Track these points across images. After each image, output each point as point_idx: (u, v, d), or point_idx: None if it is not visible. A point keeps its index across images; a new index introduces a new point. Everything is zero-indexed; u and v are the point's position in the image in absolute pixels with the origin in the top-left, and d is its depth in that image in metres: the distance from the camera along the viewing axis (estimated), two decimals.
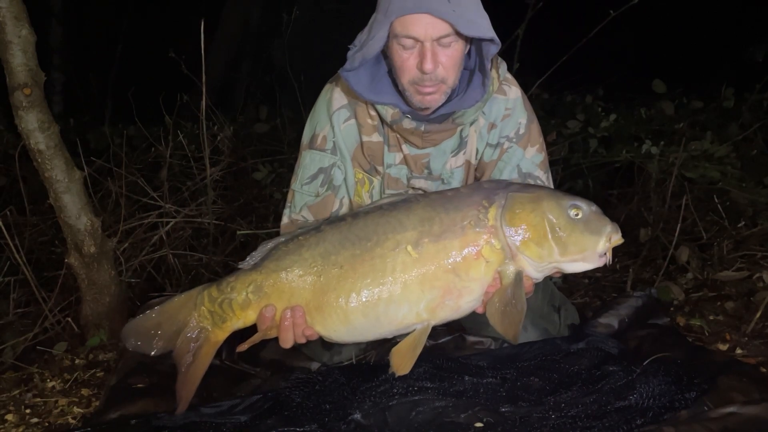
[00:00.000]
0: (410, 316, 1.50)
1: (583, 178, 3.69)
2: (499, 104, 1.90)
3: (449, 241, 1.47)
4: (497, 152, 1.92)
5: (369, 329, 1.53)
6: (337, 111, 1.91)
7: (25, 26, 2.14)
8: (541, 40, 4.06)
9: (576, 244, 1.46)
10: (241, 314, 1.56)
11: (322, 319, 1.53)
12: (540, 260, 1.48)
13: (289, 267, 1.54)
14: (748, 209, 3.00)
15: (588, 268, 1.51)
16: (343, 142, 1.91)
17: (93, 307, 2.42)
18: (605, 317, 2.06)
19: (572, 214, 1.47)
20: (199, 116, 2.90)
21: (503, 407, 1.56)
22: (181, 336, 1.56)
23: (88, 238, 2.33)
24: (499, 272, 1.48)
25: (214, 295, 1.56)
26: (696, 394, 1.52)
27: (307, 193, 1.92)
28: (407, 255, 1.48)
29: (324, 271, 1.52)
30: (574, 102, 4.53)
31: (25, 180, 3.02)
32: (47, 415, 1.94)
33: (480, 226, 1.47)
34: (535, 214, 1.47)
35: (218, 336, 1.58)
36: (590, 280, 2.81)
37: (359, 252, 1.50)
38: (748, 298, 2.32)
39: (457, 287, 1.48)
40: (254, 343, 1.59)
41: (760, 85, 3.89)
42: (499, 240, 1.47)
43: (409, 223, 1.50)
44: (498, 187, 1.54)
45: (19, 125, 2.20)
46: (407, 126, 1.83)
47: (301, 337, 1.57)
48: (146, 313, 1.58)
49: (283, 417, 1.58)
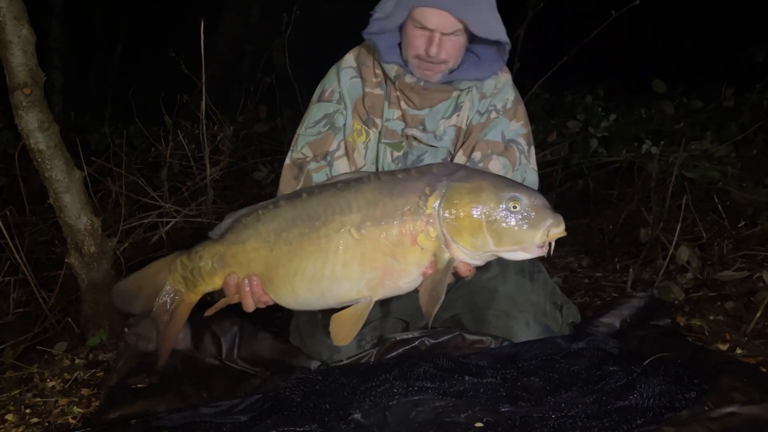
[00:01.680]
0: (351, 292, 1.61)
1: (583, 178, 3.69)
2: (491, 81, 2.04)
3: (389, 226, 1.56)
4: (485, 117, 2.03)
5: (315, 302, 1.67)
6: (344, 69, 2.08)
7: (25, 26, 2.15)
8: (541, 40, 4.06)
9: (511, 237, 1.52)
10: (209, 280, 1.71)
11: (274, 289, 1.66)
12: (474, 250, 1.55)
13: (246, 240, 1.66)
14: (748, 209, 3.00)
15: (527, 257, 1.57)
16: (347, 93, 2.06)
17: (93, 307, 2.42)
18: (607, 317, 2.06)
19: (510, 206, 1.52)
20: (199, 116, 2.90)
21: (503, 407, 1.55)
22: (158, 297, 1.73)
23: (88, 238, 2.33)
24: (434, 256, 1.56)
25: (185, 263, 1.71)
26: (696, 394, 1.52)
27: (310, 134, 2.05)
28: (350, 236, 1.57)
29: (276, 246, 1.63)
30: (574, 102, 4.52)
31: (25, 180, 3.02)
32: (47, 415, 1.94)
33: (418, 213, 1.55)
34: (471, 206, 1.53)
35: (192, 298, 1.74)
36: (590, 280, 2.82)
37: (308, 231, 1.60)
38: (748, 298, 2.32)
39: (395, 269, 1.57)
40: (220, 308, 1.74)
41: (760, 85, 3.89)
42: (435, 228, 1.55)
43: (355, 205, 1.59)
44: (444, 173, 1.59)
45: (19, 125, 2.20)
46: (408, 81, 1.96)
47: (260, 303, 1.70)
48: (129, 276, 1.77)
49: (283, 417, 1.58)
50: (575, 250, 3.20)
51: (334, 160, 2.03)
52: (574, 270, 2.96)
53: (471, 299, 2.02)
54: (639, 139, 3.63)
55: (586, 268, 2.97)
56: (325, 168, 2.02)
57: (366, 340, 1.95)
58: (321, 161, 2.03)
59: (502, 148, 1.98)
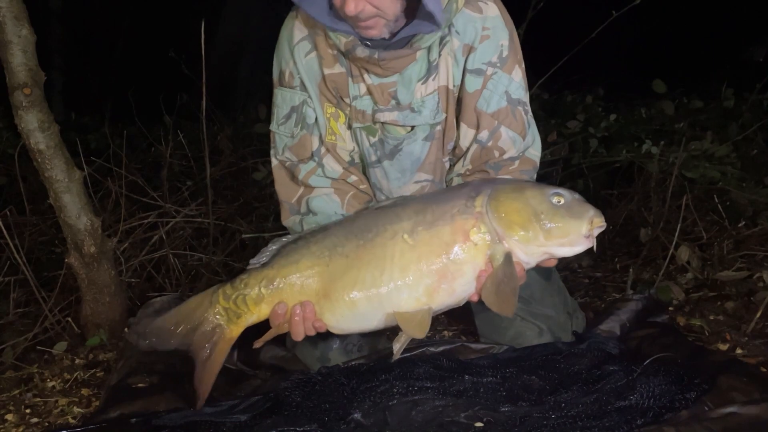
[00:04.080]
0: (410, 300, 1.59)
1: (583, 178, 3.69)
2: (475, 23, 1.78)
3: (440, 227, 1.58)
4: (481, 80, 1.82)
5: (373, 314, 1.62)
6: (297, 44, 1.88)
7: (25, 26, 2.14)
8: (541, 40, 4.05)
9: (559, 228, 1.55)
10: (255, 309, 1.66)
11: (331, 306, 1.63)
12: (527, 243, 1.56)
13: (299, 260, 1.65)
14: (748, 209, 2.99)
15: (576, 251, 1.60)
16: (306, 77, 1.88)
17: (93, 307, 2.42)
18: (606, 323, 2.04)
19: (554, 201, 1.57)
20: (199, 116, 2.90)
21: (503, 407, 1.56)
22: (197, 333, 1.65)
23: (88, 238, 2.33)
24: (489, 256, 1.57)
25: (228, 293, 1.66)
26: (696, 394, 1.52)
27: (284, 133, 1.96)
28: (404, 243, 1.59)
29: (332, 261, 1.63)
30: (574, 102, 4.52)
31: (25, 180, 3.02)
32: (47, 415, 1.93)
33: (467, 213, 1.58)
34: (519, 201, 1.57)
35: (233, 332, 1.67)
36: (590, 280, 2.81)
37: (362, 242, 1.62)
38: (748, 298, 2.32)
39: (450, 270, 1.57)
40: (269, 338, 1.69)
41: (760, 85, 3.89)
42: (485, 224, 1.57)
43: (404, 214, 1.62)
44: (485, 182, 1.69)
45: (19, 125, 2.20)
46: (361, 54, 1.76)
47: (311, 330, 1.66)
48: (165, 314, 1.68)
49: (283, 417, 1.58)
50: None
51: (322, 158, 1.95)
52: (574, 270, 2.96)
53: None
54: (639, 139, 3.62)
55: (586, 268, 2.96)
56: (318, 169, 1.95)
57: (353, 344, 1.94)
58: (309, 162, 1.95)
59: (509, 116, 1.86)
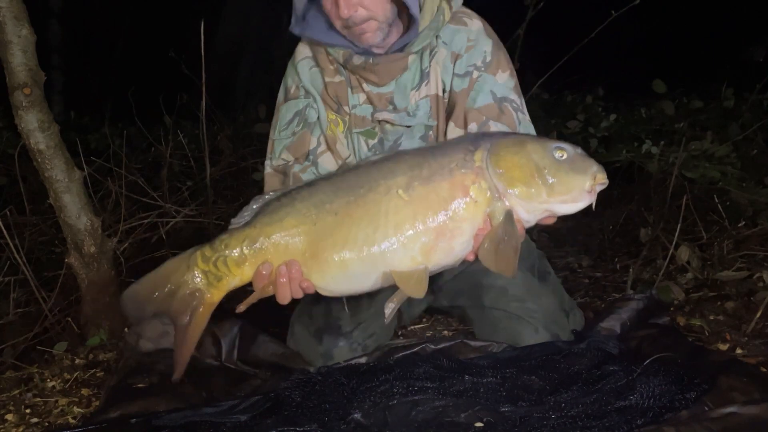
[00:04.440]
0: (405, 259, 1.51)
1: None
2: (461, 35, 1.90)
3: (438, 182, 1.50)
4: (467, 81, 1.89)
5: (366, 275, 1.54)
6: (301, 61, 1.99)
7: (25, 26, 2.14)
8: (541, 40, 4.06)
9: (562, 184, 1.49)
10: (237, 271, 1.57)
11: (319, 268, 1.54)
12: (529, 199, 1.49)
13: (283, 218, 1.55)
14: (748, 209, 2.99)
15: (577, 208, 1.53)
16: (310, 84, 1.97)
17: (93, 307, 2.42)
18: (607, 321, 2.04)
19: (557, 156, 1.50)
20: (199, 116, 2.90)
21: (503, 407, 1.55)
22: (175, 299, 1.56)
23: (88, 238, 2.33)
24: (488, 214, 1.50)
25: (207, 255, 1.57)
26: (696, 394, 1.52)
27: (284, 137, 1.96)
28: (399, 198, 1.50)
29: (319, 219, 1.53)
30: (574, 102, 4.53)
31: (25, 180, 3.02)
32: (47, 415, 1.93)
33: (467, 167, 1.50)
34: (520, 156, 1.50)
35: (214, 296, 1.58)
36: (590, 280, 2.81)
37: (353, 198, 1.53)
38: (748, 298, 2.32)
39: (448, 228, 1.50)
40: (252, 302, 1.59)
41: (760, 85, 3.89)
42: (486, 180, 1.49)
43: (399, 169, 1.53)
44: (483, 135, 1.59)
45: (19, 125, 2.20)
46: (357, 62, 1.87)
47: (298, 292, 1.57)
48: (140, 279, 1.58)
49: (283, 417, 1.58)
50: (575, 250, 3.20)
51: (318, 157, 1.95)
52: (574, 270, 2.96)
53: (477, 294, 1.97)
54: (639, 139, 3.62)
55: (586, 268, 2.97)
56: (311, 167, 1.95)
57: (358, 342, 1.94)
58: (304, 162, 1.95)
59: (496, 111, 1.86)
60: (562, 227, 3.47)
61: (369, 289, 1.61)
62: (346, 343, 1.93)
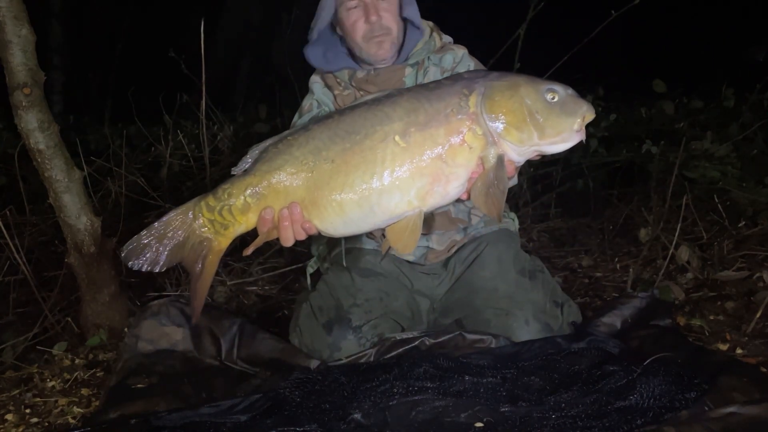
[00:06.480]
0: (402, 204, 1.56)
1: (583, 178, 3.69)
2: (448, 56, 2.14)
3: (435, 129, 1.54)
4: None
5: (364, 219, 1.59)
6: (314, 84, 2.20)
7: (24, 26, 2.14)
8: (541, 40, 4.06)
9: (554, 127, 1.54)
10: (242, 218, 1.61)
11: (319, 213, 1.59)
12: (521, 144, 1.55)
13: (282, 166, 1.59)
14: (748, 209, 3.00)
15: (566, 147, 1.58)
16: (323, 96, 2.17)
17: (93, 307, 2.42)
18: (608, 317, 2.06)
19: (549, 98, 1.54)
20: (199, 116, 2.90)
21: (503, 407, 1.55)
22: (186, 249, 1.60)
23: (88, 237, 2.33)
24: (481, 158, 1.55)
25: (211, 204, 1.61)
26: (696, 394, 1.52)
27: None
28: (396, 145, 1.54)
29: (316, 166, 1.57)
30: None
31: (24, 180, 3.02)
32: (47, 415, 1.93)
33: (462, 113, 1.54)
34: (513, 100, 1.54)
35: (221, 243, 1.63)
36: (590, 280, 2.81)
37: (349, 145, 1.56)
38: (748, 298, 2.32)
39: (444, 173, 1.54)
40: (258, 245, 1.64)
41: (760, 85, 3.89)
42: (481, 126, 1.54)
43: (395, 114, 1.56)
44: (477, 76, 1.61)
45: (18, 125, 2.20)
46: (360, 75, 2.12)
47: (301, 233, 1.62)
48: (142, 231, 1.61)
49: (283, 417, 1.58)
50: (575, 250, 3.20)
51: None
52: (574, 270, 2.96)
53: (470, 300, 2.02)
54: (639, 139, 3.62)
55: (586, 268, 2.97)
56: None
57: (366, 338, 1.95)
58: None
59: None
60: (562, 227, 3.48)
61: (368, 231, 1.70)
62: (354, 336, 1.95)
